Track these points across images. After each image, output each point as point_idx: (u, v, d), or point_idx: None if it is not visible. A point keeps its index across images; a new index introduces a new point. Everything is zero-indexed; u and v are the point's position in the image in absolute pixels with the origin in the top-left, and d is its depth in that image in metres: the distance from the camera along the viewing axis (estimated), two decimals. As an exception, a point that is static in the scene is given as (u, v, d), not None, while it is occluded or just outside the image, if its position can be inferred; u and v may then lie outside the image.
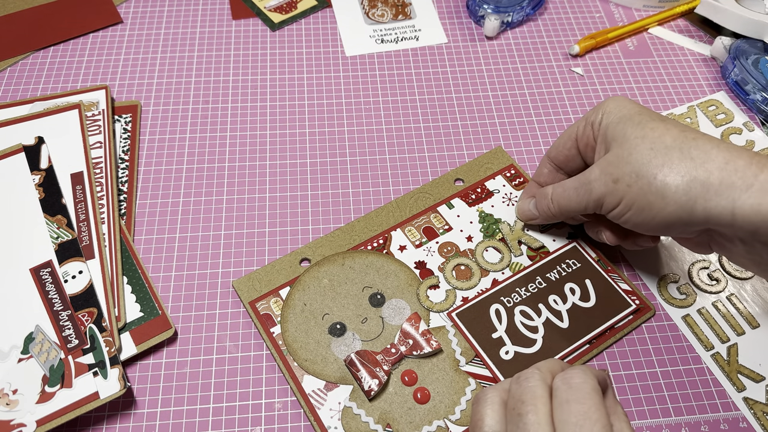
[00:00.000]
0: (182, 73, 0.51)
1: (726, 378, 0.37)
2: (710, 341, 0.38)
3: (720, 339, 0.38)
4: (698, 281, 0.40)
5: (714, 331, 0.38)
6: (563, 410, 0.26)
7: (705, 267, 0.41)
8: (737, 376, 0.37)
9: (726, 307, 0.39)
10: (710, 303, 0.39)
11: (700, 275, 0.40)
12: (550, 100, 0.50)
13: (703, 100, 0.50)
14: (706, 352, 0.38)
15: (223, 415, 0.35)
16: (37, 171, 0.42)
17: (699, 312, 0.39)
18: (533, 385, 0.27)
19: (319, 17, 0.55)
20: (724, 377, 0.37)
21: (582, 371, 0.27)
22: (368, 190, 0.44)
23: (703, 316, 0.39)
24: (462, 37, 0.54)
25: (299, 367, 0.36)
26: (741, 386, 0.36)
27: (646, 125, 0.32)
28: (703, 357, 0.37)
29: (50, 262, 0.38)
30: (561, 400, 0.26)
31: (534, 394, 0.27)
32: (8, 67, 0.50)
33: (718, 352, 0.38)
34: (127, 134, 0.46)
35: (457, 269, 0.40)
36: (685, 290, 0.40)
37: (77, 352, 0.35)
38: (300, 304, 0.38)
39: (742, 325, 0.39)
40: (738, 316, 0.39)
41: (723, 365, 0.37)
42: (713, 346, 0.38)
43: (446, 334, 0.37)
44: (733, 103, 0.49)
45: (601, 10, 0.57)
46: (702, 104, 0.49)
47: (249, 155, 0.46)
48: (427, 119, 0.48)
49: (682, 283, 0.40)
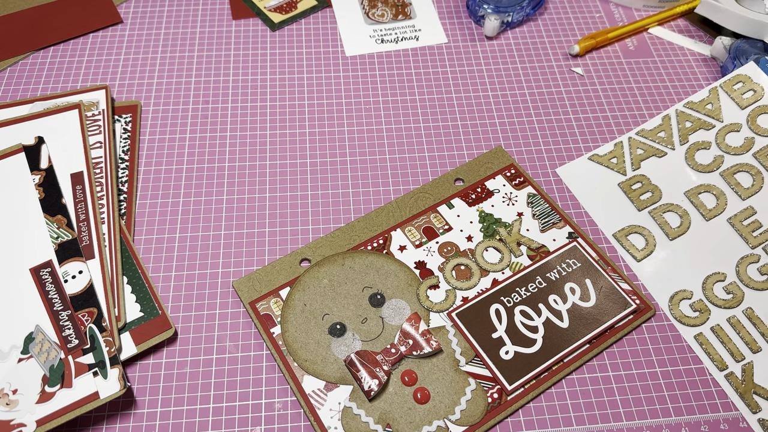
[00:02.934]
0: (182, 73, 0.51)
1: (740, 399, 0.36)
2: (724, 361, 0.37)
3: (734, 358, 0.37)
4: (713, 296, 0.39)
5: (728, 350, 0.37)
6: None
7: (720, 280, 0.40)
8: (752, 396, 0.36)
9: (741, 323, 0.38)
10: (725, 319, 0.38)
11: (715, 289, 0.39)
12: (550, 100, 0.50)
13: (728, 78, 0.46)
14: (720, 373, 0.37)
15: (223, 415, 0.35)
16: (37, 171, 0.42)
17: (712, 330, 0.38)
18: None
19: (319, 17, 0.55)
20: (738, 398, 0.36)
21: None
22: (368, 190, 0.44)
23: (716, 334, 0.38)
24: (462, 37, 0.54)
25: (299, 368, 0.36)
26: (756, 407, 0.35)
27: None
28: (717, 378, 0.37)
29: (50, 262, 0.38)
30: None
31: None
32: (8, 67, 0.50)
33: (733, 372, 0.37)
34: (127, 134, 0.46)
35: (457, 269, 0.40)
36: (698, 307, 0.39)
37: (77, 352, 0.35)
38: (300, 305, 0.38)
39: (758, 341, 0.38)
40: (754, 332, 0.38)
41: (737, 385, 0.36)
42: (727, 366, 0.37)
43: (446, 334, 0.37)
44: (766, 76, 0.45)
45: (601, 10, 0.57)
46: (727, 83, 0.46)
47: (249, 155, 0.46)
48: (427, 119, 0.48)
49: (696, 300, 0.39)
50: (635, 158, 0.45)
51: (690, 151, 0.45)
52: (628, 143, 0.46)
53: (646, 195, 0.43)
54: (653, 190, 0.44)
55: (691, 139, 0.45)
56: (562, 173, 0.45)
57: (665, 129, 0.46)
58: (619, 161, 0.45)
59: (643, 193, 0.44)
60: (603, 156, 0.46)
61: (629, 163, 0.45)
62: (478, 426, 0.34)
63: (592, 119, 0.49)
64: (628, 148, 0.45)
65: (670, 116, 0.46)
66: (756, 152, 0.44)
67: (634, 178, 0.44)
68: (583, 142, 0.47)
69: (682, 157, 0.44)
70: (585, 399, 0.36)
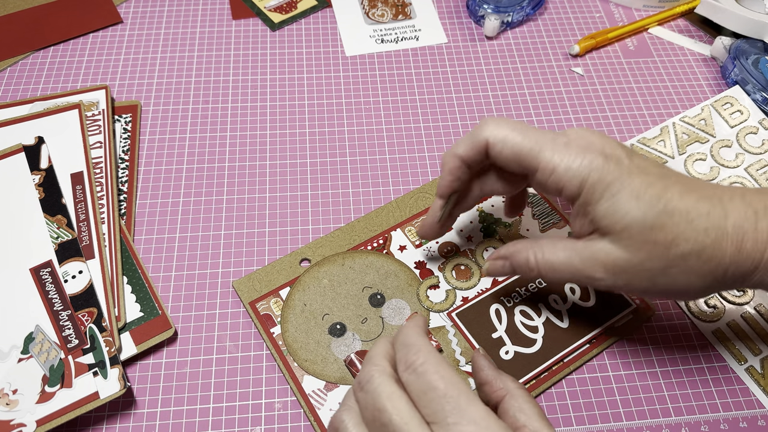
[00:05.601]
0: (182, 73, 0.51)
1: (762, 392, 0.36)
2: (743, 355, 0.37)
3: (752, 352, 0.37)
4: (725, 292, 0.39)
5: (746, 345, 0.38)
6: (425, 403, 0.25)
7: None
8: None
9: (755, 318, 0.39)
10: (739, 315, 0.39)
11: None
12: (550, 100, 0.50)
13: (718, 98, 0.48)
14: (740, 366, 0.37)
15: (223, 415, 0.35)
16: (37, 171, 0.42)
17: (729, 325, 0.38)
18: (378, 386, 0.26)
19: (319, 17, 0.55)
20: (759, 391, 0.36)
21: (414, 347, 0.27)
22: (368, 190, 0.44)
23: (733, 330, 0.38)
24: (462, 37, 0.54)
25: (299, 368, 0.36)
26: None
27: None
28: (738, 371, 0.37)
29: (50, 262, 0.38)
30: (418, 392, 0.26)
31: (386, 396, 0.25)
32: (8, 67, 0.50)
33: (752, 365, 0.37)
34: (127, 134, 0.46)
35: (456, 269, 0.40)
36: (712, 303, 0.39)
37: (77, 352, 0.35)
38: (300, 305, 0.38)
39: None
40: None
41: (758, 378, 0.36)
42: (746, 360, 0.37)
43: (446, 334, 0.37)
44: (750, 99, 0.48)
45: (601, 10, 0.57)
46: (716, 103, 0.48)
47: (249, 155, 0.46)
48: (427, 119, 0.48)
49: (710, 296, 0.39)
50: None
51: (688, 162, 0.46)
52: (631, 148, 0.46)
53: None
54: None
55: (689, 150, 0.46)
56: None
57: (664, 139, 0.47)
58: None
59: None
60: None
61: None
62: (478, 426, 0.34)
63: (592, 119, 0.49)
64: None
65: (668, 127, 0.47)
66: (746, 167, 0.45)
67: None
68: (583, 142, 0.47)
69: (682, 166, 0.45)
70: (585, 399, 0.36)
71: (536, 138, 0.31)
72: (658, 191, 0.29)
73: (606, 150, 0.30)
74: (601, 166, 0.29)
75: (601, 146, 0.30)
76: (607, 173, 0.29)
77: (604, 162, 0.30)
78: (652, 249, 0.29)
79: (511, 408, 0.29)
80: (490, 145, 0.32)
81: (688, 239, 0.29)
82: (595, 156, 0.30)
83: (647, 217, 0.29)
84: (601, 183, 0.29)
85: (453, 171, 0.34)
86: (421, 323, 0.30)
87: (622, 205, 0.29)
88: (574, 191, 0.30)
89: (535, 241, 0.34)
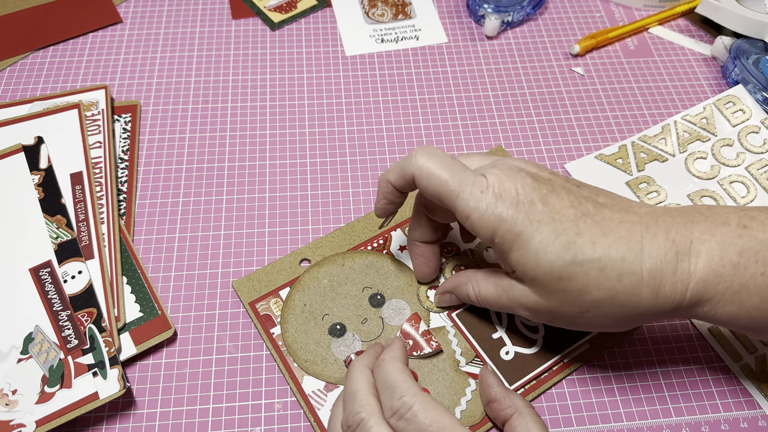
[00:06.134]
0: (182, 72, 0.50)
1: (756, 390, 0.36)
2: (738, 353, 0.37)
3: (747, 349, 0.37)
4: None
5: (741, 342, 0.38)
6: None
7: None
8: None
9: None
10: None
11: None
12: (551, 100, 0.50)
13: (720, 97, 0.48)
14: (735, 364, 0.37)
15: (223, 415, 0.35)
16: (37, 171, 0.42)
17: None
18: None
19: (319, 17, 0.55)
20: (754, 389, 0.36)
21: (398, 389, 0.29)
22: (368, 190, 0.44)
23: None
24: (462, 37, 0.54)
25: (299, 368, 0.36)
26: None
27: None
28: (733, 369, 0.37)
29: (50, 262, 0.38)
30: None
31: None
32: (8, 67, 0.50)
33: (747, 362, 0.37)
34: (127, 134, 0.46)
35: (456, 269, 0.40)
36: None
37: (77, 353, 0.35)
38: (300, 305, 0.38)
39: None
40: None
41: (752, 376, 0.36)
42: (741, 357, 0.37)
43: (446, 335, 0.37)
44: (752, 99, 0.48)
45: (601, 10, 0.57)
46: (719, 102, 0.48)
47: (249, 155, 0.46)
48: (427, 119, 0.48)
49: None
50: (639, 160, 0.45)
51: (689, 160, 0.46)
52: (632, 147, 0.46)
53: (652, 195, 0.44)
54: (659, 190, 0.44)
55: (690, 149, 0.46)
56: (571, 169, 0.45)
57: (665, 137, 0.47)
58: (625, 162, 0.45)
59: (649, 192, 0.44)
60: (609, 156, 0.46)
61: (634, 164, 0.45)
62: (479, 426, 0.34)
63: (592, 119, 0.49)
64: (632, 151, 0.46)
65: (669, 126, 0.47)
66: (747, 166, 0.45)
67: (639, 178, 0.45)
68: (583, 142, 0.47)
69: (683, 164, 0.45)
70: (585, 399, 0.36)
71: (459, 179, 0.30)
72: (569, 239, 0.29)
73: (520, 196, 0.29)
74: (511, 216, 0.29)
75: (514, 193, 0.29)
76: (516, 224, 0.29)
77: (514, 212, 0.29)
78: (564, 297, 0.29)
79: (518, 426, 0.30)
80: (416, 178, 0.32)
81: (600, 287, 0.28)
82: (506, 207, 0.29)
83: (554, 268, 0.29)
84: (510, 234, 0.29)
85: (386, 195, 0.35)
86: (399, 353, 0.31)
87: (531, 257, 0.29)
88: (488, 239, 0.30)
89: (474, 273, 0.35)
